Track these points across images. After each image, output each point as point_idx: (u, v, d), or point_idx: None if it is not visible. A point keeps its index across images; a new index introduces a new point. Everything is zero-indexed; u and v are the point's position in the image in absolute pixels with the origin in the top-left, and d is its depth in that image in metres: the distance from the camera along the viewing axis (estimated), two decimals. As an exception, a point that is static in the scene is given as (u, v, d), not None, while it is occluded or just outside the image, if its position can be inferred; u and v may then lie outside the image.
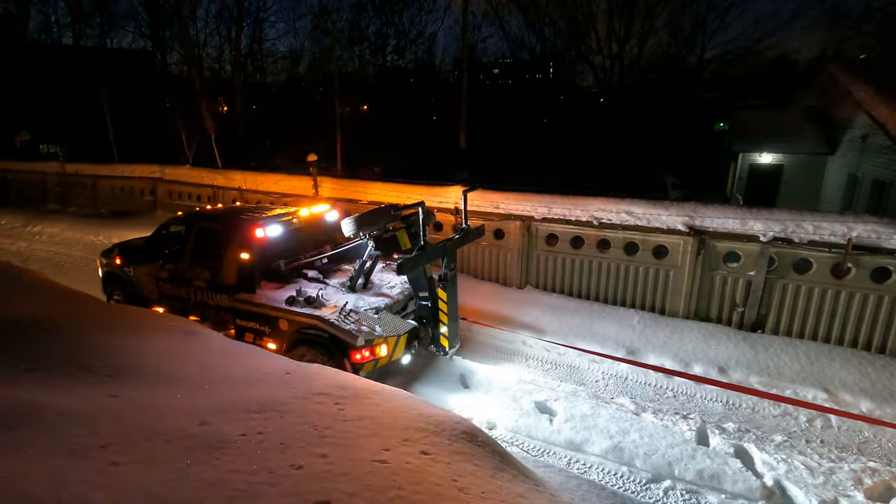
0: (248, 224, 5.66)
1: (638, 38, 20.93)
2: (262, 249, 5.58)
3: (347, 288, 5.59)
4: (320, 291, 5.34)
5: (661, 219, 6.76)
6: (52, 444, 2.11)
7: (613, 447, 4.47)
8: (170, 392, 2.75)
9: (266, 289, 5.52)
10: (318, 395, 2.82)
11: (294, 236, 5.98)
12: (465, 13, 15.36)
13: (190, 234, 6.21)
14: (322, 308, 5.10)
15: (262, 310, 5.33)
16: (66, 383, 2.79)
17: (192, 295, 6.06)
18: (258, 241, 5.52)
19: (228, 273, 5.64)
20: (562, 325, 6.87)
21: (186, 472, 1.99)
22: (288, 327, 5.16)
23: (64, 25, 26.37)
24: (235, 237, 5.68)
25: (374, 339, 4.86)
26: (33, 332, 3.29)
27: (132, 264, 6.73)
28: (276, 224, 5.70)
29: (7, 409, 2.36)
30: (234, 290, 5.59)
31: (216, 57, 24.02)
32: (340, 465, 2.16)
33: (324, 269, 6.00)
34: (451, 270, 5.40)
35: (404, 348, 5.28)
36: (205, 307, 5.95)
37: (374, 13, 24.26)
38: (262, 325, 5.39)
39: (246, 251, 5.53)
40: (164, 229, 6.76)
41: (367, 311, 5.14)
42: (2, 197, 16.79)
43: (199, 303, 6.00)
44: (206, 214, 6.79)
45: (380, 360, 5.00)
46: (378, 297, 5.50)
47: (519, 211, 7.74)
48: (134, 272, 6.71)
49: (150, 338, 3.43)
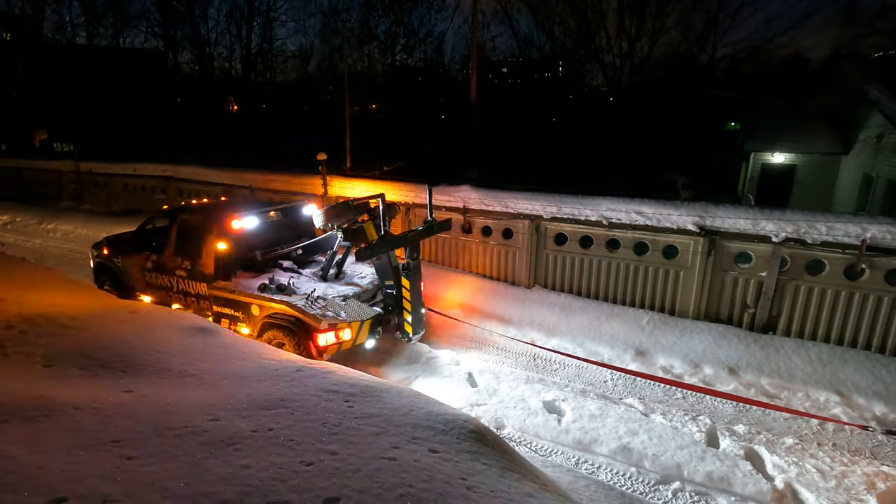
0: (224, 216, 5.97)
1: (649, 37, 20.78)
2: (238, 240, 5.96)
3: (319, 277, 6.03)
4: (291, 280, 5.76)
5: (671, 219, 6.71)
6: (69, 437, 2.15)
7: (622, 448, 4.46)
8: (182, 388, 2.78)
9: (242, 277, 5.90)
10: (327, 393, 2.84)
11: (271, 229, 6.37)
12: (475, 12, 15.34)
13: (172, 226, 6.55)
14: (292, 295, 5.45)
15: (236, 296, 5.70)
16: (82, 379, 2.84)
17: (174, 284, 6.41)
18: (234, 233, 5.87)
19: (207, 263, 5.98)
20: (570, 325, 6.85)
21: (198, 466, 2.02)
22: (259, 312, 5.52)
23: (78, 25, 26.76)
24: (213, 229, 6.00)
25: (338, 324, 5.19)
26: (50, 328, 3.35)
27: (120, 255, 7.15)
28: (251, 216, 6.02)
29: (26, 402, 2.40)
30: (212, 279, 5.95)
31: (227, 56, 24.23)
32: (350, 462, 2.18)
33: (299, 259, 6.42)
34: (414, 260, 5.71)
35: (368, 333, 5.55)
36: (186, 295, 6.30)
37: (384, 12, 24.31)
38: (236, 311, 5.75)
39: (223, 242, 5.88)
40: (149, 223, 7.15)
41: (334, 299, 5.49)
42: (17, 195, 17.05)
43: (181, 291, 6.35)
44: (188, 208, 7.11)
45: (343, 344, 5.32)
46: (348, 286, 5.91)
47: (528, 210, 7.72)
48: (122, 263, 7.12)
49: (163, 335, 3.48)
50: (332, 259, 6.07)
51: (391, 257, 5.70)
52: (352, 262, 6.42)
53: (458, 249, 8.63)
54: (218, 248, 5.88)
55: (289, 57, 26.65)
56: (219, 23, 23.80)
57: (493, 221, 8.15)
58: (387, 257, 5.66)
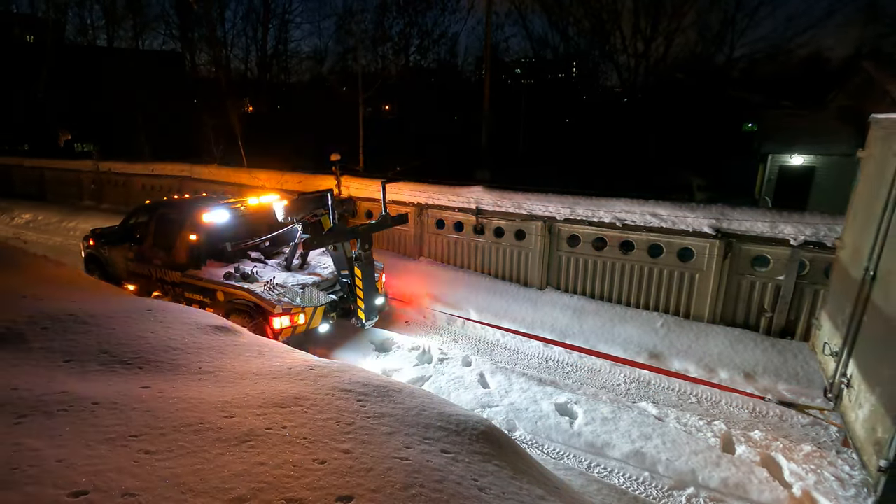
0: (196, 211, 6.46)
1: (664, 37, 20.56)
2: (208, 232, 6.38)
3: (283, 267, 6.47)
4: (255, 269, 6.22)
5: (686, 221, 6.64)
6: (89, 432, 2.19)
7: (635, 452, 4.42)
8: (198, 385, 2.82)
9: (211, 266, 6.34)
10: (340, 392, 2.86)
11: (242, 222, 6.76)
12: (489, 13, 15.34)
13: (151, 220, 7.06)
14: (254, 283, 5.89)
15: (204, 283, 6.18)
16: (101, 374, 2.89)
17: (153, 272, 6.86)
18: (205, 225, 6.34)
19: (180, 253, 6.48)
20: (583, 327, 6.80)
21: (214, 462, 2.04)
22: (223, 298, 5.98)
23: (99, 28, 27.30)
24: (185, 222, 6.50)
25: (293, 309, 5.61)
26: (70, 325, 3.42)
27: (106, 246, 7.65)
28: (221, 210, 6.43)
29: (47, 397, 2.46)
30: (184, 268, 6.43)
31: (243, 58, 24.54)
32: (363, 461, 2.19)
33: (266, 251, 6.85)
34: (366, 251, 6.05)
35: (321, 319, 5.97)
36: (163, 283, 6.72)
37: (398, 14, 24.39)
38: (204, 297, 6.21)
39: (194, 233, 6.36)
40: (132, 217, 7.59)
41: (293, 287, 5.91)
42: (40, 194, 17.45)
43: (159, 279, 6.78)
44: (165, 203, 7.69)
45: (298, 328, 5.75)
46: (309, 276, 6.33)
47: (541, 211, 7.69)
48: (108, 253, 7.62)
49: (179, 332, 3.53)
50: (295, 250, 6.49)
51: (346, 249, 6.08)
52: (317, 254, 6.87)
53: (471, 250, 8.63)
54: (189, 240, 6.37)
55: (303, 58, 26.94)
56: (235, 25, 24.20)
57: (505, 222, 8.14)
58: (342, 249, 6.05)
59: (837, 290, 4.61)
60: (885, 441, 3.08)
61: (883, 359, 3.38)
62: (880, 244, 3.79)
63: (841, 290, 4.48)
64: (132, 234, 7.26)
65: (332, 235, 5.91)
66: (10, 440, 2.05)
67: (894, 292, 3.48)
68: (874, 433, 3.27)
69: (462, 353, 6.31)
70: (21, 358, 2.99)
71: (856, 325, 3.96)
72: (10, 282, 4.24)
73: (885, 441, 3.08)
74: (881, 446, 3.13)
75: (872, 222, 3.94)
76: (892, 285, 3.52)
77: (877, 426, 3.27)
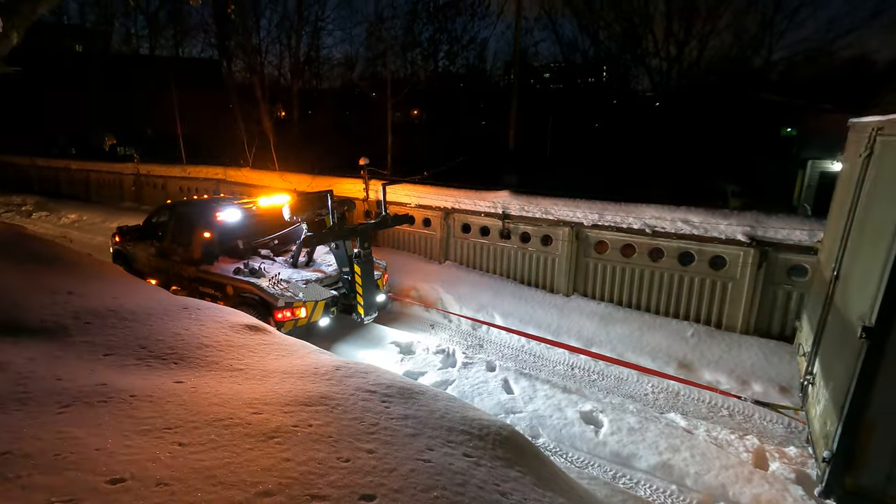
0: (211, 210, 6.89)
1: (698, 40, 20.09)
2: (221, 231, 6.80)
3: (290, 264, 6.83)
4: (263, 265, 6.59)
5: (719, 228, 6.46)
6: (126, 423, 2.29)
7: (662, 464, 4.31)
8: (229, 381, 2.91)
9: (224, 262, 6.73)
10: (365, 393, 2.90)
11: (254, 221, 7.17)
12: (518, 18, 15.33)
13: (171, 218, 7.50)
14: (261, 278, 6.24)
15: (215, 278, 6.56)
16: (138, 368, 3.02)
17: (171, 268, 7.22)
18: (218, 223, 6.74)
19: (195, 249, 6.88)
20: (610, 334, 6.69)
21: (243, 456, 2.11)
22: (233, 292, 6.35)
23: (142, 37, 28.53)
24: (201, 220, 6.94)
25: (294, 303, 5.92)
26: (111, 321, 3.58)
27: (130, 243, 8.11)
28: (233, 209, 6.82)
29: (87, 388, 2.58)
30: (198, 263, 6.82)
31: (276, 64, 25.19)
32: (386, 462, 2.22)
33: (275, 248, 7.20)
34: (366, 249, 6.35)
35: (322, 313, 6.25)
36: (181, 278, 7.07)
37: (428, 20, 24.60)
38: (215, 290, 6.58)
39: (208, 231, 6.77)
40: (154, 215, 8.05)
41: (297, 282, 6.25)
42: (85, 195, 18.30)
43: (177, 274, 7.13)
44: (184, 203, 8.22)
45: (299, 321, 6.05)
46: (313, 273, 6.70)
47: (568, 217, 7.62)
48: (132, 249, 8.07)
49: (212, 330, 3.64)
50: (301, 248, 6.84)
51: (347, 247, 6.36)
52: (323, 252, 7.19)
53: (496, 255, 8.61)
54: (203, 237, 6.79)
55: (335, 65, 27.46)
56: (270, 32, 24.83)
57: (532, 227, 8.09)
58: (343, 246, 6.33)
59: (814, 292, 4.66)
60: (831, 433, 3.17)
61: (837, 356, 3.44)
62: (843, 245, 3.89)
63: (816, 291, 4.55)
64: (154, 232, 7.72)
65: (330, 234, 6.20)
66: (54, 428, 2.17)
67: (849, 292, 3.55)
68: (825, 427, 3.37)
69: (486, 358, 6.30)
70: (65, 351, 3.15)
71: (822, 325, 4.04)
72: (57, 278, 4.46)
73: (831, 433, 3.17)
74: (828, 439, 3.22)
75: (841, 224, 4.03)
76: (849, 285, 3.60)
77: (827, 420, 3.37)
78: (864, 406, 2.90)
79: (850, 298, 3.50)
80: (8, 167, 21.17)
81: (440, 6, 24.24)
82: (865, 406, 2.89)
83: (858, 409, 2.91)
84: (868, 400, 2.88)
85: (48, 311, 3.67)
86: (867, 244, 3.39)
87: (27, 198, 18.04)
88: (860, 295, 3.20)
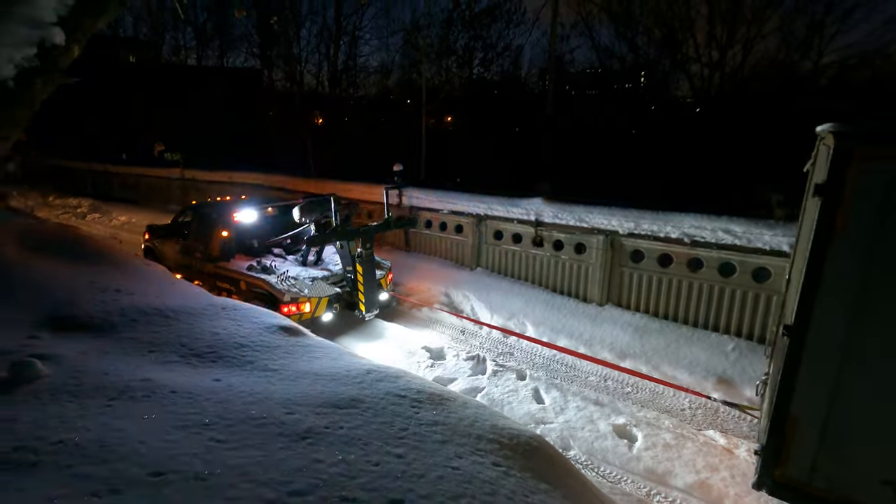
0: (229, 211, 7.42)
1: (742, 45, 19.41)
2: (237, 229, 7.34)
3: (300, 262, 7.34)
4: (274, 263, 7.07)
5: (763, 239, 6.20)
6: (167, 417, 2.38)
7: (700, 483, 4.15)
8: (263, 381, 2.98)
9: (239, 260, 7.21)
10: (395, 397, 2.92)
11: (269, 222, 7.77)
12: (554, 26, 15.24)
13: (195, 218, 8.06)
14: (271, 275, 6.68)
15: (231, 274, 7.03)
16: (179, 365, 3.14)
17: (194, 264, 7.64)
18: (235, 223, 7.29)
19: (214, 247, 7.33)
20: (644, 346, 6.51)
21: (276, 456, 2.15)
22: (245, 287, 6.79)
23: (190, 48, 29.90)
24: (220, 220, 7.43)
25: (300, 298, 6.37)
26: (155, 318, 3.74)
27: (158, 240, 8.66)
28: (250, 210, 7.42)
29: (132, 383, 2.70)
30: (216, 260, 7.28)
31: (315, 73, 25.85)
32: (415, 467, 2.22)
33: (288, 247, 7.68)
34: (367, 250, 6.72)
35: (326, 308, 6.70)
36: (202, 273, 7.48)
37: (463, 28, 24.73)
38: (230, 285, 7.03)
39: (225, 230, 7.28)
40: (181, 215, 8.62)
41: (304, 279, 6.66)
42: (134, 199, 19.23)
43: (198, 270, 7.55)
44: (206, 204, 8.80)
45: (303, 315, 6.40)
46: (320, 271, 7.15)
47: (603, 225, 7.47)
48: (161, 246, 8.60)
49: (249, 330, 3.75)
50: (309, 248, 7.36)
51: (351, 247, 6.73)
52: (332, 252, 7.51)
53: (528, 262, 8.53)
54: (222, 236, 7.28)
55: (371, 73, 27.94)
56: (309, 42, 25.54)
57: (565, 235, 7.98)
58: (347, 247, 6.71)
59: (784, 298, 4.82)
60: (764, 427, 3.33)
61: (778, 356, 3.58)
62: (794, 250, 4.18)
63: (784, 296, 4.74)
64: (180, 230, 8.24)
65: (333, 234, 6.61)
66: (102, 420, 2.27)
67: (790, 294, 3.71)
68: (763, 423, 3.57)
69: (517, 366, 6.23)
70: (112, 346, 3.31)
71: (777, 328, 4.22)
72: (107, 277, 4.70)
73: (764, 427, 3.33)
74: (761, 433, 3.45)
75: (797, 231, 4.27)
76: (790, 289, 3.78)
77: (764, 417, 3.55)
78: (788, 402, 3.04)
79: (789, 300, 3.71)
80: (66, 172, 22.49)
81: (476, 14, 24.35)
82: (789, 402, 3.03)
83: (784, 405, 3.05)
84: (791, 396, 3.02)
85: (98, 307, 3.87)
86: (801, 247, 3.62)
87: (82, 200, 19.09)
88: (792, 296, 3.37)
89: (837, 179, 2.72)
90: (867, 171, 2.66)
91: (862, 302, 2.73)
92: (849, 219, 2.72)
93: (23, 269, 4.46)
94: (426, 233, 10.18)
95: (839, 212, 2.74)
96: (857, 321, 2.76)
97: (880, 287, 2.68)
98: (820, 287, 2.82)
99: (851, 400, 2.83)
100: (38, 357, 2.80)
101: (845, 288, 2.76)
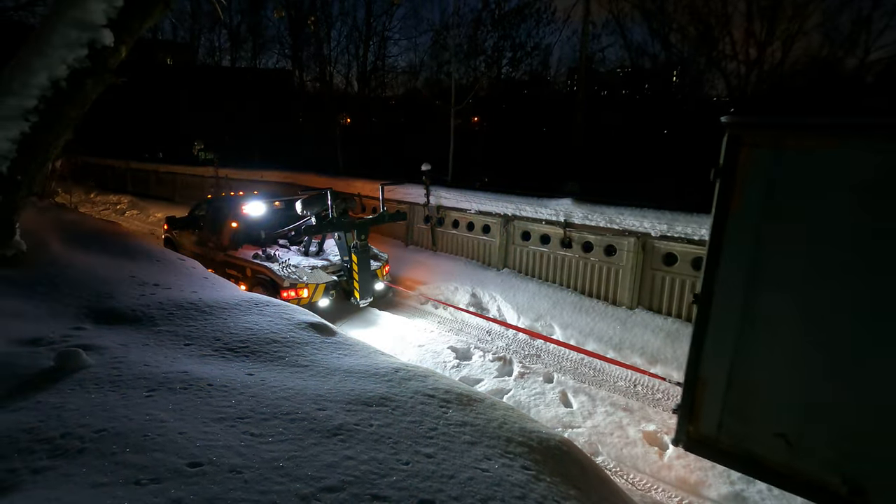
0: (238, 204, 7.99)
1: (782, 41, 18.70)
2: (246, 221, 7.89)
3: (302, 252, 7.86)
4: (277, 252, 7.59)
5: (804, 243, 5.96)
6: (204, 410, 2.44)
7: (735, 495, 4.02)
8: (295, 376, 3.03)
9: (246, 249, 7.72)
10: (424, 396, 2.92)
11: (276, 215, 8.27)
12: (585, 23, 15.02)
13: (209, 210, 8.66)
14: (274, 263, 7.17)
15: (238, 262, 7.59)
16: (214, 359, 3.21)
17: (207, 253, 8.16)
18: (244, 215, 7.88)
19: (225, 237, 7.92)
20: (676, 352, 6.34)
21: (308, 451, 2.18)
22: (251, 273, 7.32)
23: (224, 50, 30.71)
24: (230, 212, 8.00)
25: (298, 284, 6.84)
26: (192, 312, 3.84)
27: (176, 231, 9.26)
28: (258, 203, 7.99)
29: (171, 375, 2.78)
30: (226, 249, 7.84)
31: (344, 73, 26.18)
32: (444, 468, 2.22)
33: (293, 238, 8.10)
34: (362, 241, 7.16)
35: (322, 294, 7.13)
36: (214, 262, 7.93)
37: (492, 27, 24.61)
38: (238, 272, 7.56)
39: (235, 221, 7.87)
40: (197, 208, 9.21)
41: (304, 267, 7.15)
42: (170, 196, 19.87)
43: (211, 259, 7.99)
44: (219, 197, 9.51)
45: (301, 300, 6.82)
46: (321, 261, 7.69)
47: (634, 227, 7.32)
48: (179, 237, 9.21)
49: (281, 326, 3.82)
50: (311, 239, 7.89)
51: (348, 238, 7.18)
52: (333, 244, 7.91)
53: (556, 264, 8.42)
54: (231, 227, 7.86)
55: (399, 73, 28.13)
56: (339, 43, 25.84)
57: (595, 237, 7.85)
58: (344, 238, 7.20)
59: None
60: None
61: None
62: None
63: None
64: (196, 222, 8.84)
65: (328, 225, 7.04)
66: (142, 410, 2.34)
67: None
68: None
69: (544, 369, 6.17)
70: (151, 338, 3.41)
71: None
72: (146, 271, 4.86)
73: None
74: None
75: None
76: None
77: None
78: (697, 364, 3.33)
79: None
80: (107, 169, 23.39)
81: (505, 13, 24.20)
82: (699, 364, 3.32)
83: (694, 367, 3.34)
84: (700, 359, 3.31)
85: (138, 301, 4.00)
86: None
87: (122, 197, 19.83)
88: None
89: (730, 163, 3.03)
90: (754, 155, 2.96)
91: (754, 274, 3.00)
92: (740, 198, 3.01)
93: (67, 263, 4.66)
94: (453, 232, 10.18)
95: (733, 192, 3.03)
96: (752, 291, 3.03)
97: (768, 260, 2.95)
98: (720, 261, 3.13)
99: (748, 362, 3.11)
100: (82, 347, 2.91)
101: (740, 261, 3.04)
